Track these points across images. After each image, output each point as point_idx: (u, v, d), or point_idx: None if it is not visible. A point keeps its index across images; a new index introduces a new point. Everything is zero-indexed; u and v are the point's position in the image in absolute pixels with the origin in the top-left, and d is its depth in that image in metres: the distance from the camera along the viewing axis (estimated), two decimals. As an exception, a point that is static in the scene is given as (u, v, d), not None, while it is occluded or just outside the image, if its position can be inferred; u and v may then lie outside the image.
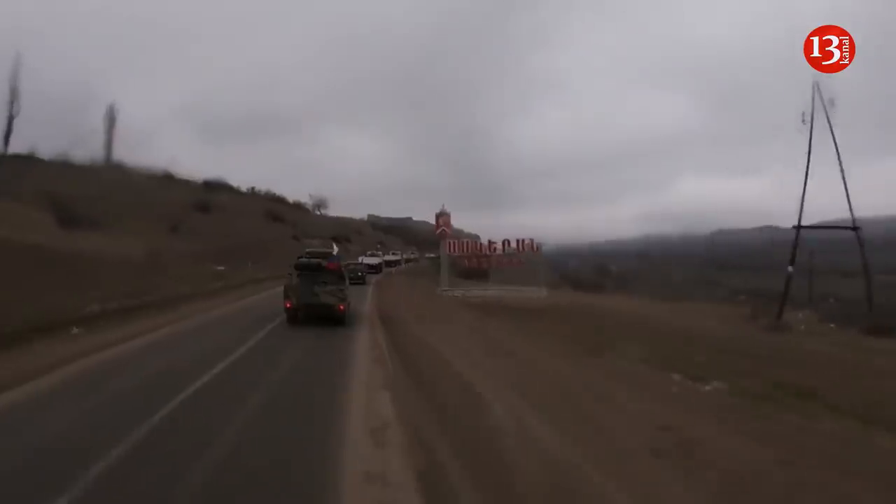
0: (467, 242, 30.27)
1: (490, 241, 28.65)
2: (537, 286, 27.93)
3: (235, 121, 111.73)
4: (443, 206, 30.69)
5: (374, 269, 42.95)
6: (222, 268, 27.41)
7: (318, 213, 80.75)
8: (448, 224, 29.05)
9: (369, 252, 52.96)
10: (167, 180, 47.88)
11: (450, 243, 28.87)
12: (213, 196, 49.74)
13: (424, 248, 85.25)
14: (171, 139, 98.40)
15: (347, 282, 15.29)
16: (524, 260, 28.48)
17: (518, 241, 28.09)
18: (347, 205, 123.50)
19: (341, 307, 14.10)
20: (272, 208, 61.72)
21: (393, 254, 62.08)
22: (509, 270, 28.87)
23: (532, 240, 28.13)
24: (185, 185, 49.14)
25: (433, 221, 30.52)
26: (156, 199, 37.68)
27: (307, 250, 17.09)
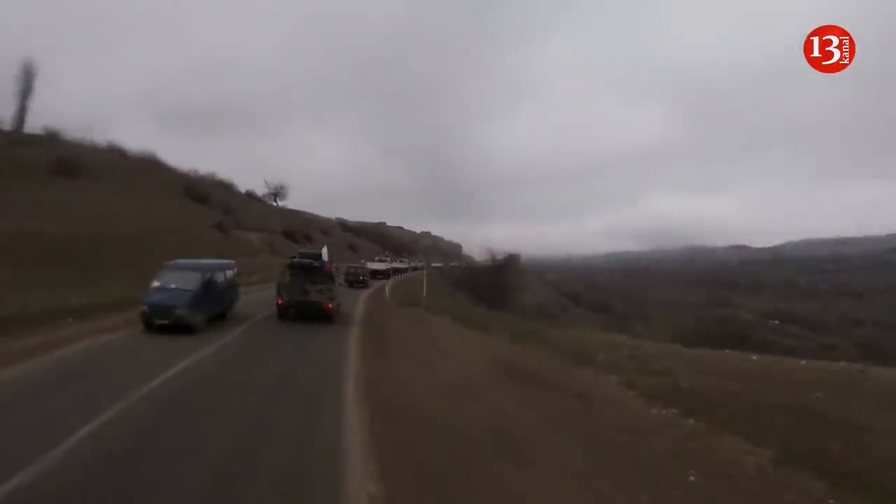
0: None
1: None
2: None
3: (195, 113, 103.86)
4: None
5: (383, 274, 42.60)
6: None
7: (275, 203, 72.25)
8: None
9: (377, 257, 54.56)
10: (49, 139, 39.56)
11: None
12: (100, 158, 38.45)
13: (401, 253, 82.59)
14: (125, 127, 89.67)
15: (337, 282, 16.72)
16: None
17: None
18: (318, 205, 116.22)
19: (329, 305, 15.60)
20: (194, 185, 50.04)
21: (401, 261, 61.89)
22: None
23: None
24: (75, 146, 39.68)
25: (408, 227, 22.30)
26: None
27: (300, 251, 18.36)
